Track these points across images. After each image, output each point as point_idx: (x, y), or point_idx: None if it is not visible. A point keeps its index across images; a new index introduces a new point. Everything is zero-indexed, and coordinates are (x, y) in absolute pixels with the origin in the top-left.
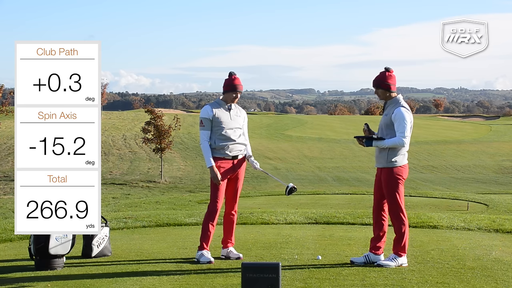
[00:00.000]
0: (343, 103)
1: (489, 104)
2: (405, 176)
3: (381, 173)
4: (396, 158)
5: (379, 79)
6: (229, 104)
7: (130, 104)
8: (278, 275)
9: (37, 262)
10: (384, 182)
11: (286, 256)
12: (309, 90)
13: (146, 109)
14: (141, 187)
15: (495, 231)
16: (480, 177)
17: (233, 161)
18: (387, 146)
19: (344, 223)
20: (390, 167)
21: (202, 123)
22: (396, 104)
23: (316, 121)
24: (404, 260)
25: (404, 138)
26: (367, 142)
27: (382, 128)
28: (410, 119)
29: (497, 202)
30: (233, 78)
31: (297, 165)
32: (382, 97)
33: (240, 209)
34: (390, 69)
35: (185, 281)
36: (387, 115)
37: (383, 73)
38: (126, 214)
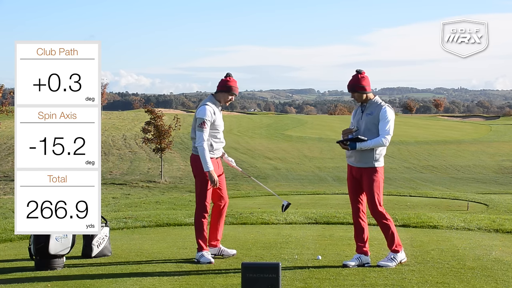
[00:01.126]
0: (343, 103)
1: (489, 104)
2: (383, 176)
3: (363, 173)
4: (380, 158)
5: (353, 83)
6: (221, 105)
7: (130, 104)
8: (278, 275)
9: (37, 262)
10: (368, 183)
11: (286, 256)
12: (309, 90)
13: (146, 109)
14: (141, 187)
15: (495, 231)
16: (480, 177)
17: (217, 160)
18: (371, 146)
19: (344, 223)
20: (375, 166)
21: (205, 125)
22: (379, 104)
23: (316, 121)
24: (403, 255)
25: (388, 136)
26: (352, 145)
27: (367, 127)
28: (394, 118)
29: (497, 202)
30: (230, 80)
31: (297, 165)
32: (359, 100)
33: (240, 209)
34: (361, 71)
35: (185, 281)
36: (371, 114)
37: (356, 76)
38: (126, 214)
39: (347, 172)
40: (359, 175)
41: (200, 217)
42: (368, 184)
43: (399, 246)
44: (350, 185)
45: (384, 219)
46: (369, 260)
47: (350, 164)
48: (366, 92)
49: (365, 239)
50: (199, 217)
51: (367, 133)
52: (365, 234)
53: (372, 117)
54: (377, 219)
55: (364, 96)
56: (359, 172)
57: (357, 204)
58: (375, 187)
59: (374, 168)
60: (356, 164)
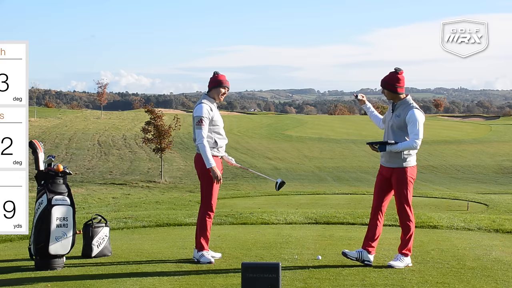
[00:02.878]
0: (343, 103)
1: (489, 104)
2: (415, 176)
3: (392, 173)
4: (410, 158)
5: (386, 80)
6: (217, 102)
7: (130, 104)
8: (278, 275)
9: (37, 262)
10: (397, 183)
11: (286, 256)
12: (309, 90)
13: (146, 109)
14: (141, 187)
15: (495, 231)
16: (480, 177)
17: (220, 159)
18: (401, 150)
19: (344, 223)
20: (404, 167)
21: (203, 122)
22: (408, 105)
23: (316, 121)
24: (409, 260)
25: (418, 140)
26: (381, 147)
27: (393, 130)
28: (423, 120)
29: (497, 202)
30: (218, 75)
31: (297, 165)
32: (389, 97)
33: (240, 209)
34: (399, 70)
35: (185, 281)
36: (399, 116)
37: (391, 74)
38: (126, 214)
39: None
40: (389, 174)
41: (205, 216)
42: (397, 184)
43: (409, 252)
44: (378, 183)
45: (408, 221)
46: (371, 259)
47: (381, 164)
48: (396, 92)
49: (374, 238)
50: (203, 216)
51: (391, 133)
52: (377, 233)
53: (399, 120)
54: (401, 218)
55: (393, 95)
56: (389, 172)
57: (378, 203)
58: (403, 187)
59: (403, 169)
60: (386, 164)
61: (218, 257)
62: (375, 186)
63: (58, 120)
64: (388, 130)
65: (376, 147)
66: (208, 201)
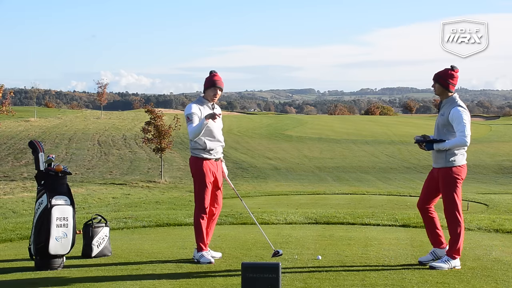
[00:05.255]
0: (343, 103)
1: (489, 104)
2: (463, 176)
3: (439, 173)
4: (455, 157)
5: (439, 74)
6: (212, 103)
7: (130, 104)
8: (278, 275)
9: (37, 262)
10: (442, 182)
11: (286, 256)
12: (309, 90)
13: (146, 109)
14: (141, 187)
15: (495, 231)
16: (480, 177)
17: (216, 163)
18: (448, 147)
19: (344, 223)
20: (449, 166)
21: (189, 118)
22: (452, 103)
23: (316, 121)
24: (458, 263)
25: (466, 137)
26: (428, 146)
27: (438, 128)
28: (468, 118)
29: (497, 202)
30: (213, 75)
31: (297, 165)
32: (438, 92)
33: (240, 209)
34: (455, 68)
35: (185, 281)
36: (443, 115)
37: (446, 70)
38: (126, 214)
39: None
40: (436, 175)
41: (199, 218)
42: (443, 184)
43: (457, 254)
44: (426, 182)
45: (455, 222)
46: (443, 252)
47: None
48: (447, 88)
49: (438, 228)
50: (197, 218)
51: (437, 132)
52: (437, 224)
53: (443, 118)
54: (448, 219)
55: (443, 90)
56: (437, 173)
57: (423, 203)
58: (449, 187)
59: (448, 168)
60: (433, 165)
61: (218, 257)
62: (423, 185)
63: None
64: (435, 128)
65: (423, 146)
66: (201, 203)
